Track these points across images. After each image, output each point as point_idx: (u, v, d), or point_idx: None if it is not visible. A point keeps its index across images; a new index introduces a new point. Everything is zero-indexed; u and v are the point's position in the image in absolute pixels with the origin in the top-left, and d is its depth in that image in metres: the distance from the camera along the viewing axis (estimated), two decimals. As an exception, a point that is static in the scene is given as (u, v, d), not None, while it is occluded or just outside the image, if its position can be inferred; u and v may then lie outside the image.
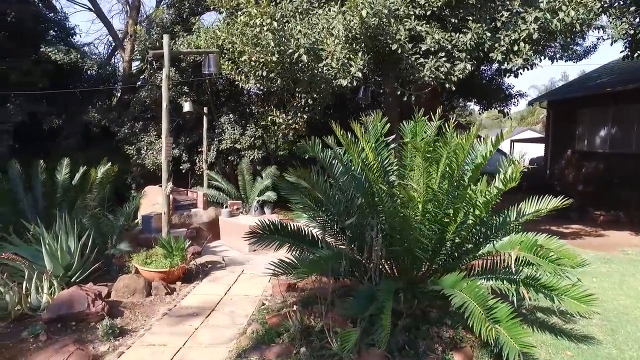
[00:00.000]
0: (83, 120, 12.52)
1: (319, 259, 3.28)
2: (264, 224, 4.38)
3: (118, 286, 5.33)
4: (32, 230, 5.82)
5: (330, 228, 4.38)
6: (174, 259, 5.76)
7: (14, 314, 4.66)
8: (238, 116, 12.71)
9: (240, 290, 5.59)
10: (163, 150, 6.36)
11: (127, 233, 8.19)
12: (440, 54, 6.37)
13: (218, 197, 11.32)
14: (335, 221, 4.29)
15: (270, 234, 4.30)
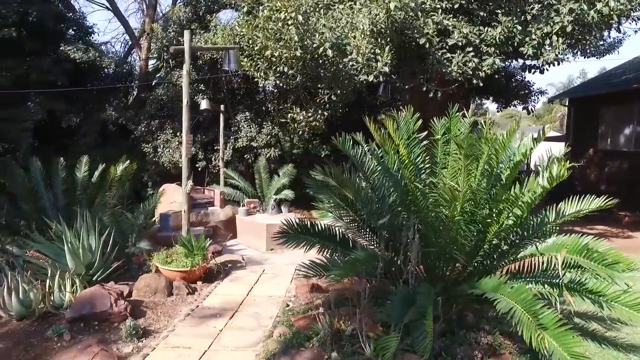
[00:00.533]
0: (100, 118, 12.54)
1: (354, 261, 3.12)
2: (291, 223, 4.23)
3: (139, 285, 5.24)
4: (54, 228, 5.77)
5: (359, 228, 4.21)
6: (195, 258, 5.65)
7: (38, 312, 4.60)
8: (254, 114, 12.60)
9: (263, 291, 5.46)
10: (183, 147, 6.26)
11: (145, 231, 8.13)
12: (467, 48, 6.14)
13: (235, 195, 11.23)
14: (365, 221, 4.12)
15: (299, 233, 4.14)
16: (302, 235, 4.13)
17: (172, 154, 11.85)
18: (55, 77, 11.20)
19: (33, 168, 7.73)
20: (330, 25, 5.79)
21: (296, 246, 4.05)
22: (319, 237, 4.16)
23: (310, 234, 4.14)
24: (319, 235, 4.16)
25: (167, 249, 6.02)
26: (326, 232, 4.19)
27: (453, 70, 6.13)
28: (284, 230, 4.17)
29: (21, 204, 7.28)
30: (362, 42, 5.51)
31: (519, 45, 6.20)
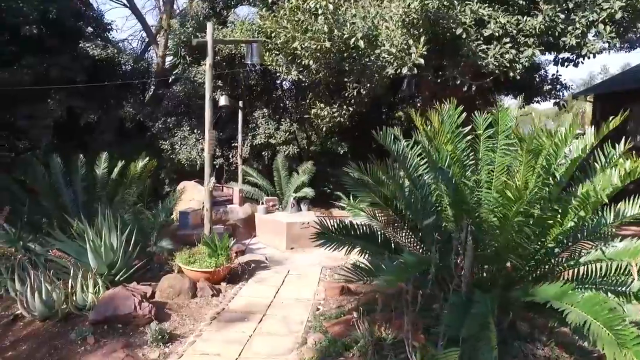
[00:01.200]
0: (118, 115, 12.45)
1: (404, 266, 2.83)
2: (328, 223, 3.95)
3: (162, 286, 5.03)
4: (75, 226, 5.59)
5: (399, 228, 3.92)
6: (219, 258, 5.43)
7: (60, 312, 4.42)
8: (272, 111, 12.37)
9: (290, 293, 5.20)
10: (206, 143, 6.04)
11: (164, 229, 7.95)
12: (504, 39, 5.78)
13: (253, 193, 11.01)
14: (407, 221, 3.82)
15: (339, 235, 3.86)
16: (341, 236, 3.84)
17: (189, 151, 11.68)
18: (75, 73, 11.11)
19: (53, 164, 7.60)
20: (362, 15, 5.48)
21: (335, 248, 3.77)
22: (360, 238, 3.86)
23: (351, 235, 3.85)
24: (360, 237, 3.86)
25: (189, 248, 5.81)
26: (367, 234, 3.90)
27: (490, 62, 5.78)
28: (322, 231, 3.88)
29: (42, 200, 7.16)
30: (396, 32, 5.19)
31: (560, 36, 5.81)
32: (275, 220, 9.47)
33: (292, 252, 9.01)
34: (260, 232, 9.86)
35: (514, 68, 5.91)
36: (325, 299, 5.01)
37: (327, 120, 7.67)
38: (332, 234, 3.86)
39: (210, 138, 6.01)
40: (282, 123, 11.84)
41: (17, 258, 4.67)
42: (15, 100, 10.88)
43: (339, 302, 4.90)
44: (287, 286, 5.46)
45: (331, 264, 6.56)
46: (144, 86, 14.59)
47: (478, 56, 5.85)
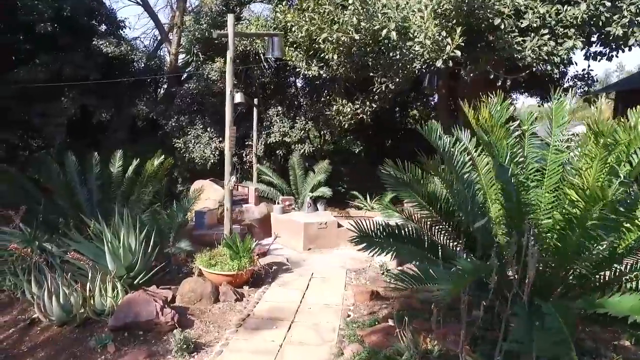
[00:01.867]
0: (131, 113, 12.25)
1: (462, 273, 2.53)
2: (362, 226, 3.64)
3: (183, 290, 4.76)
4: (92, 226, 5.35)
5: (443, 231, 3.60)
6: (242, 260, 5.15)
7: (79, 317, 4.17)
8: (286, 109, 12.09)
9: (317, 298, 4.91)
10: (227, 140, 5.77)
11: (181, 230, 7.71)
12: (542, 30, 5.42)
13: (268, 192, 10.74)
14: (453, 223, 3.51)
15: (380, 238, 3.55)
16: (382, 239, 3.52)
17: (203, 150, 11.44)
18: (88, 71, 10.93)
19: (68, 162, 7.39)
20: (394, 4, 5.15)
21: (380, 253, 3.46)
22: (404, 242, 3.54)
23: (394, 239, 3.53)
24: (405, 241, 3.54)
25: (210, 250, 5.54)
26: (411, 237, 3.57)
27: (527, 55, 5.42)
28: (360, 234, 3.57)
29: (57, 199, 6.94)
30: (430, 23, 4.87)
31: (605, 25, 5.43)
32: (292, 220, 9.20)
33: (309, 253, 8.74)
34: (276, 232, 9.59)
35: (552, 61, 5.55)
36: (355, 304, 4.71)
37: (349, 117, 7.34)
38: (373, 237, 3.54)
39: (231, 134, 5.73)
40: (297, 121, 11.56)
41: (33, 259, 4.42)
42: (30, 98, 10.73)
43: (370, 307, 4.60)
44: (312, 290, 5.17)
45: (354, 266, 6.25)
46: (156, 84, 14.40)
47: (514, 49, 5.49)
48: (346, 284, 5.39)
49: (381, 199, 11.32)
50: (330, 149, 13.03)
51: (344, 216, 10.09)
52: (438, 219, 3.58)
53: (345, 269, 5.96)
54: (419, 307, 4.32)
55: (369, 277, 5.66)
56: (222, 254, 5.39)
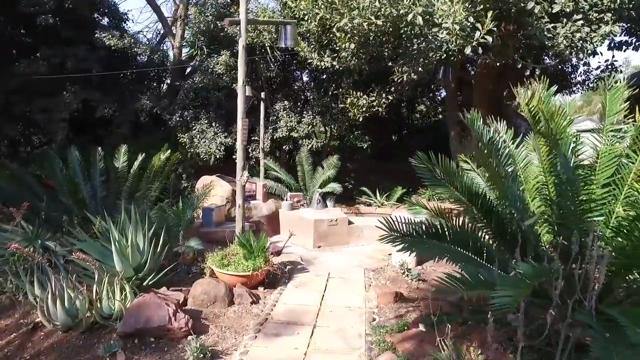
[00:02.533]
0: (134, 108, 11.87)
1: (523, 278, 2.21)
2: (392, 224, 3.29)
3: (195, 292, 4.43)
4: (98, 224, 5.02)
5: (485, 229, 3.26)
6: (256, 260, 4.82)
7: (85, 322, 3.84)
8: (293, 103, 11.75)
9: (338, 300, 4.58)
10: (239, 133, 5.42)
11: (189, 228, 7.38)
12: (575, 16, 5.06)
13: (276, 188, 10.41)
14: (497, 220, 3.17)
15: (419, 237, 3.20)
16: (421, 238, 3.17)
17: (208, 145, 11.09)
18: (90, 65, 10.57)
19: (71, 158, 7.05)
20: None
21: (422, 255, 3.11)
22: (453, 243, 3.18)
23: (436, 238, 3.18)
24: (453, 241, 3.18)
25: (221, 249, 5.21)
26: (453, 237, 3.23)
27: (560, 42, 5.06)
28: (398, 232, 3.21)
29: (60, 196, 6.61)
30: (459, 6, 4.51)
31: (645, 8, 5.06)
32: (302, 217, 8.87)
33: (320, 250, 8.42)
34: (285, 229, 9.26)
35: (584, 49, 5.19)
36: (379, 306, 4.38)
37: (364, 110, 6.98)
38: (408, 236, 3.20)
39: (243, 126, 5.39)
40: (305, 116, 11.23)
41: (35, 259, 4.09)
42: (31, 93, 10.36)
43: (395, 310, 4.27)
44: (331, 291, 4.84)
45: (371, 265, 5.93)
46: (160, 78, 14.02)
47: (544, 36, 5.12)
48: (366, 284, 5.07)
49: (390, 195, 11.02)
50: (335, 145, 12.70)
51: (354, 213, 9.77)
52: (479, 216, 3.24)
53: (363, 268, 5.63)
54: (449, 310, 3.99)
55: (389, 277, 5.34)
56: (234, 253, 5.07)
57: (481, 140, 3.15)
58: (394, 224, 3.23)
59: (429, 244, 3.09)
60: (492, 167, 3.00)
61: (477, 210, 3.20)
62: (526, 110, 2.87)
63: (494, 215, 3.17)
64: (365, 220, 9.48)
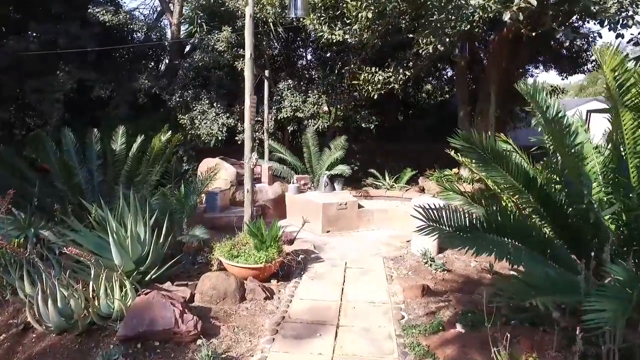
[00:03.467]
0: (132, 88, 11.19)
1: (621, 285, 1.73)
2: (431, 212, 2.76)
3: (203, 288, 3.95)
4: (94, 212, 4.51)
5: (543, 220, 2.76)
6: (269, 251, 4.33)
7: (81, 324, 3.37)
8: (297, 82, 11.09)
9: (359, 293, 4.11)
10: (246, 111, 4.86)
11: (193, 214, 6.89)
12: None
13: (281, 171, 9.88)
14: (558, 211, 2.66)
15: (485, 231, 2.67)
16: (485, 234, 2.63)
17: (209, 126, 10.50)
18: (84, 42, 9.85)
19: (65, 140, 6.49)
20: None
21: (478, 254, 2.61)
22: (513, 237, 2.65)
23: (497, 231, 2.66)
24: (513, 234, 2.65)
25: (229, 238, 4.72)
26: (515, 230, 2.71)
27: (609, 6, 4.42)
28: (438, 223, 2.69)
29: (54, 181, 6.08)
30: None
31: None
32: (310, 200, 8.38)
33: (329, 236, 7.97)
34: (291, 213, 8.80)
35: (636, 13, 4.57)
36: (406, 302, 3.92)
37: (379, 86, 6.38)
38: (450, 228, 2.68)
39: (251, 104, 4.81)
40: (310, 95, 10.59)
41: (22, 254, 3.59)
42: (23, 72, 9.68)
43: (425, 306, 3.81)
44: (351, 284, 4.37)
45: (389, 253, 5.45)
46: (158, 57, 13.28)
47: (591, 2, 4.48)
48: (387, 275, 4.60)
49: (399, 177, 10.51)
50: (339, 126, 12.11)
51: (363, 196, 9.28)
52: (536, 206, 2.72)
53: (381, 257, 5.16)
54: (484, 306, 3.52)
55: (410, 267, 4.87)
56: (244, 243, 4.58)
57: (544, 116, 2.60)
58: (433, 214, 2.72)
59: (486, 240, 2.57)
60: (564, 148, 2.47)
61: (535, 198, 2.68)
62: (611, 77, 2.32)
63: (553, 204, 2.66)
64: (374, 204, 9.00)
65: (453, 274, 4.64)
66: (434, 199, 5.39)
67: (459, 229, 2.65)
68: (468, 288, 4.13)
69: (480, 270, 4.73)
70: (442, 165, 11.44)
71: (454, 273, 4.66)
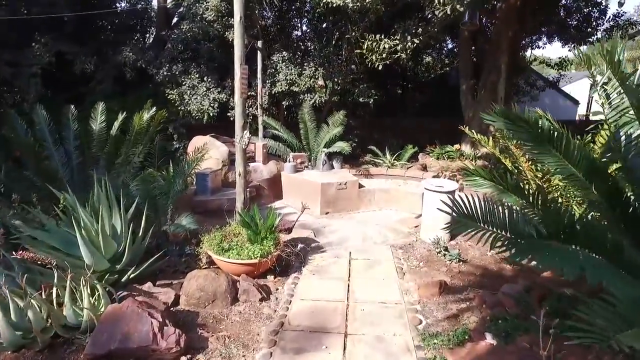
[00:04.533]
0: (117, 61, 10.27)
1: None
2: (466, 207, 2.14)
3: (189, 289, 3.35)
4: (62, 201, 3.84)
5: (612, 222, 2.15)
6: (264, 243, 3.73)
7: (41, 339, 2.77)
8: (292, 54, 10.23)
9: (368, 292, 3.54)
10: (237, 83, 4.13)
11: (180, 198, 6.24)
12: None
13: (276, 148, 9.19)
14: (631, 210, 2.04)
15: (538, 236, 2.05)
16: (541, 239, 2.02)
17: (200, 102, 9.70)
18: (60, 10, 8.88)
19: (38, 118, 5.73)
20: None
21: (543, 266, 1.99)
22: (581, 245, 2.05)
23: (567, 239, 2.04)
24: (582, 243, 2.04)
25: (220, 228, 4.09)
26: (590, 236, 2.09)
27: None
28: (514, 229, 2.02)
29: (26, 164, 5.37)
30: None
31: None
32: (308, 180, 7.77)
33: (328, 217, 7.40)
34: (288, 194, 8.19)
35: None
36: (421, 301, 3.37)
37: (385, 56, 5.62)
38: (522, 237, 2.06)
39: (242, 75, 4.08)
40: (305, 68, 9.77)
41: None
42: (-6, 43, 8.77)
43: (443, 307, 3.26)
44: (358, 279, 3.80)
45: (396, 240, 4.88)
46: (144, 28, 12.25)
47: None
48: (397, 267, 4.03)
49: (401, 154, 9.88)
50: (336, 101, 11.35)
51: (363, 174, 8.65)
52: (601, 202, 2.10)
53: (389, 246, 4.58)
54: (516, 309, 2.97)
55: (421, 256, 4.31)
56: (236, 233, 3.96)
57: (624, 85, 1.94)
58: (469, 210, 2.09)
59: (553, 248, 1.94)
60: None
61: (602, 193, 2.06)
62: None
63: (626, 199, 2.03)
64: (375, 183, 8.40)
65: (469, 265, 4.08)
66: (444, 181, 4.78)
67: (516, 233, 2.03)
68: (490, 283, 3.58)
69: (499, 260, 4.18)
70: (443, 141, 10.81)
71: (470, 264, 4.11)
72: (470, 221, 2.22)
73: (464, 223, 2.20)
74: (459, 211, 2.28)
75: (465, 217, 2.17)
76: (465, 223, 2.20)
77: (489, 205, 2.27)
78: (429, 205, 4.55)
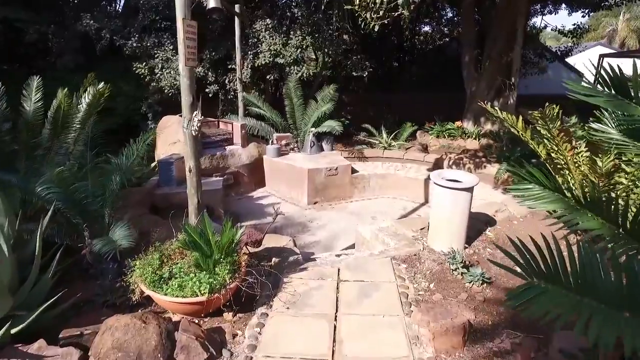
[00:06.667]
0: (78, 31, 8.78)
1: None
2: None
3: (101, 347, 2.19)
4: None
5: None
6: (219, 270, 2.57)
7: None
8: (277, 22, 8.80)
9: (363, 341, 2.41)
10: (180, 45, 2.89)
11: (135, 190, 5.04)
12: None
13: (259, 128, 7.94)
14: None
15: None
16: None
17: (174, 77, 8.35)
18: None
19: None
20: None
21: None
22: None
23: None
24: None
25: (160, 245, 2.91)
26: None
27: None
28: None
29: None
30: None
31: None
32: (292, 165, 6.60)
33: (317, 209, 6.29)
34: (271, 180, 7.03)
35: None
36: (439, 357, 2.26)
37: (382, 13, 4.31)
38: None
39: (187, 33, 2.79)
40: (292, 37, 8.38)
41: None
42: None
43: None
44: (348, 318, 2.66)
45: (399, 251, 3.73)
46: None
47: None
48: (400, 294, 2.90)
49: (398, 133, 8.66)
50: (327, 74, 9.99)
51: (357, 157, 7.46)
52: None
53: (389, 258, 3.44)
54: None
55: (432, 274, 3.19)
56: (182, 254, 2.80)
57: None
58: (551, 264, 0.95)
59: None
60: None
61: None
62: None
63: None
64: (371, 167, 7.23)
65: (496, 289, 2.98)
66: (458, 172, 3.61)
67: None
68: (532, 322, 2.48)
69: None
70: (442, 117, 9.60)
71: (496, 286, 3.00)
72: (559, 289, 1.06)
73: (550, 296, 1.04)
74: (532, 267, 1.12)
75: (547, 279, 1.02)
76: (552, 294, 1.04)
77: (587, 255, 1.11)
78: (440, 204, 3.41)
